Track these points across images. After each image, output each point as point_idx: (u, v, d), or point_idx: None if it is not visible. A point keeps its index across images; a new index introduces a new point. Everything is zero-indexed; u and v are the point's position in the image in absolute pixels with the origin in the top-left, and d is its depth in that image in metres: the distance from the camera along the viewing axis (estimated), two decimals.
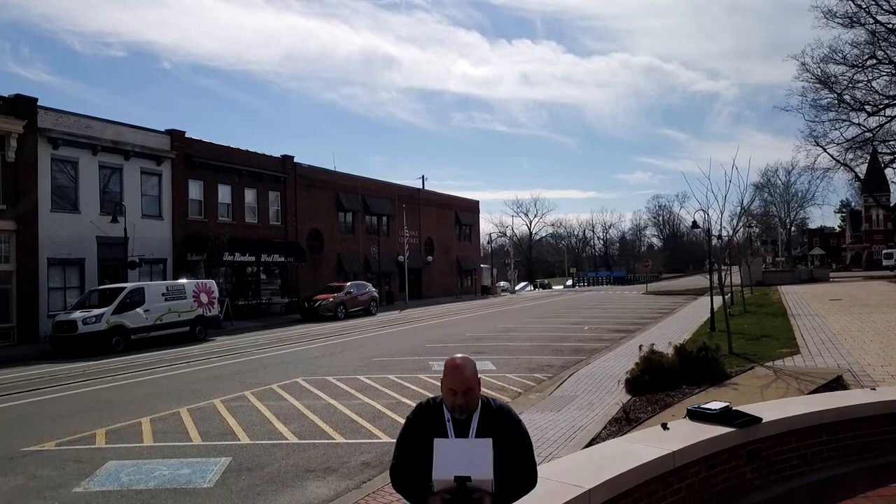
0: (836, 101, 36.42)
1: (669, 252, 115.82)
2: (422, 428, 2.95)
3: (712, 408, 4.72)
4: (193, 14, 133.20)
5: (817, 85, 36.60)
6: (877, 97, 35.29)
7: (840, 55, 35.19)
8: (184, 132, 30.70)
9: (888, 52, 33.20)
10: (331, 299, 30.85)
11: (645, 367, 9.64)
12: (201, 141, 31.88)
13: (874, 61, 34.10)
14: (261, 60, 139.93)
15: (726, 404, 4.78)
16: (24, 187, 23.58)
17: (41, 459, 7.90)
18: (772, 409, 5.09)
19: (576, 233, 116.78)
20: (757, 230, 45.54)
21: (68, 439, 8.79)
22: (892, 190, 54.24)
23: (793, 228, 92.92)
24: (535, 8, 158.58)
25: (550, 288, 73.87)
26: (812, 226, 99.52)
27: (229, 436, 8.65)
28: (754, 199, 45.60)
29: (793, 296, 28.01)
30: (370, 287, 34.86)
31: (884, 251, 64.89)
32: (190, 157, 30.55)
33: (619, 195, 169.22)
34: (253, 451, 7.89)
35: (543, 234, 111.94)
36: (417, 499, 2.86)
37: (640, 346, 10.56)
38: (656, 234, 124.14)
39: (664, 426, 4.57)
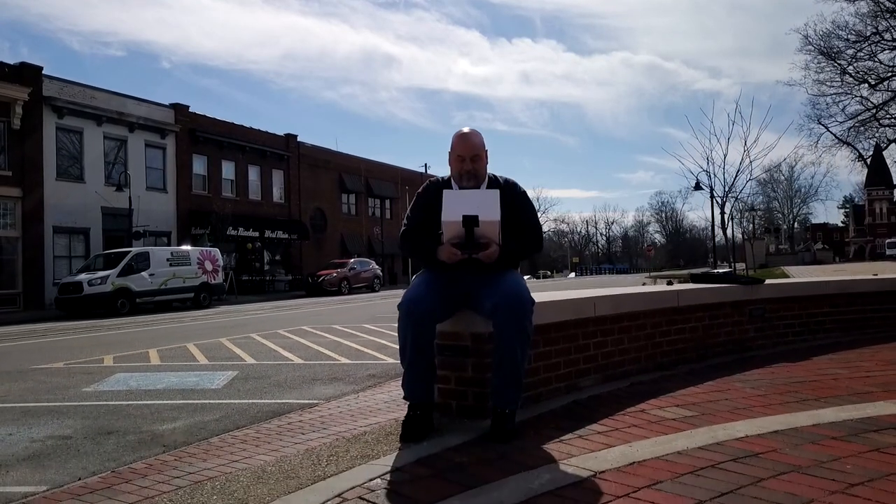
0: (839, 74, 36.31)
1: (672, 247, 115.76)
2: (431, 199, 3.02)
3: (716, 271, 4.79)
4: (192, 13, 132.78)
5: (819, 57, 36.50)
6: (880, 67, 35.25)
7: (843, 29, 35.15)
8: (188, 106, 30.80)
9: (891, 23, 33.12)
10: (334, 274, 30.97)
11: None
12: (205, 116, 31.99)
13: (877, 37, 34.05)
14: (260, 60, 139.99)
15: (730, 269, 4.84)
16: (29, 155, 23.69)
17: (51, 372, 8.03)
18: (775, 281, 5.16)
19: (578, 229, 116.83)
20: (759, 212, 45.48)
21: (77, 360, 8.94)
22: (893, 174, 54.04)
23: (795, 224, 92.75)
24: (534, 6, 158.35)
25: (553, 277, 74.00)
26: (815, 221, 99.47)
27: (236, 359, 8.75)
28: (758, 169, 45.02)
29: (797, 270, 28.15)
30: (373, 264, 34.95)
31: (888, 241, 64.68)
32: (194, 132, 30.63)
33: (622, 194, 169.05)
34: (259, 367, 7.98)
35: (546, 230, 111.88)
36: (427, 255, 2.94)
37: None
38: (659, 230, 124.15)
39: (669, 282, 4.64)
